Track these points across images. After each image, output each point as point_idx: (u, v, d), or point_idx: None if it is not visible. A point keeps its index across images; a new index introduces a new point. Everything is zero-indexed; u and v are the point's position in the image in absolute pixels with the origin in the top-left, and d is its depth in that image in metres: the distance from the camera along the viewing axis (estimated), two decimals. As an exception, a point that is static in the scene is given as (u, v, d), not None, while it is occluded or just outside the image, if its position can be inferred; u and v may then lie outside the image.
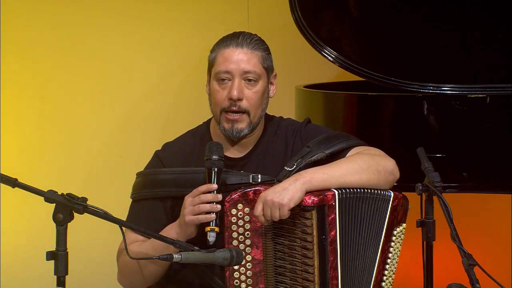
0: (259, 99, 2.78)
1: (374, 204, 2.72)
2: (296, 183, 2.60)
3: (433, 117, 3.46)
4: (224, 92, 2.76)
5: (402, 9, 3.92)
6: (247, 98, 2.76)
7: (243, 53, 2.76)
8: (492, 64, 3.80)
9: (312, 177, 2.64)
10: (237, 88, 2.74)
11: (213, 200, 2.61)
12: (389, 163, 2.78)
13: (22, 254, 4.17)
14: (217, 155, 2.64)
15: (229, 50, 2.77)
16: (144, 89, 4.42)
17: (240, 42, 2.77)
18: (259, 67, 2.77)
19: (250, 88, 2.77)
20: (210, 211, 2.60)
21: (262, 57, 2.79)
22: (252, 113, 2.77)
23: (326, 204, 2.64)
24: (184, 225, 2.64)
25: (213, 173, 2.64)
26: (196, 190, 2.63)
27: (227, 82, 2.76)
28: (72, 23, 4.25)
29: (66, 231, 2.34)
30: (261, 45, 2.80)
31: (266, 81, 2.81)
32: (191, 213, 2.62)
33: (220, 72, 2.75)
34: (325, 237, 2.63)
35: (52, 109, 4.25)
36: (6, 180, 2.35)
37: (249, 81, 2.76)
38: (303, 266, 2.64)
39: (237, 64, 2.75)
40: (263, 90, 2.79)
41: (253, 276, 2.65)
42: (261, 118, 2.82)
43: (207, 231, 2.59)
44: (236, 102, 2.74)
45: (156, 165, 2.83)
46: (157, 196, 2.79)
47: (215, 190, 2.62)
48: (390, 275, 2.78)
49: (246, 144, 2.84)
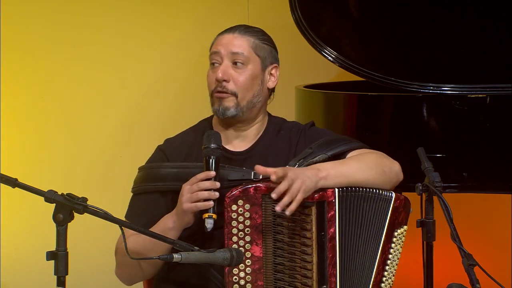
0: (247, 82, 2.79)
1: (375, 203, 2.73)
2: (316, 178, 2.63)
3: (433, 117, 3.46)
4: (214, 75, 2.80)
5: (402, 9, 3.92)
6: (233, 80, 2.79)
7: (233, 37, 2.81)
8: (492, 64, 3.80)
9: (328, 174, 2.66)
10: (223, 68, 2.78)
11: (211, 187, 2.61)
12: (395, 165, 2.82)
13: (22, 254, 4.17)
14: (215, 144, 2.66)
15: (222, 36, 2.83)
16: (144, 89, 4.43)
17: (234, 29, 2.84)
18: (248, 51, 2.80)
19: (237, 71, 2.79)
20: (208, 198, 2.60)
21: (254, 43, 2.82)
22: (240, 95, 2.79)
23: (325, 200, 2.65)
24: (181, 213, 2.65)
25: (211, 160, 2.64)
26: (194, 177, 2.64)
27: (217, 66, 2.80)
28: (72, 24, 4.25)
29: (66, 231, 2.34)
30: (258, 34, 2.84)
31: (259, 68, 2.82)
32: (189, 200, 2.62)
33: (211, 55, 2.82)
34: (324, 233, 2.64)
35: (52, 109, 4.26)
36: (6, 180, 2.35)
37: (236, 64, 2.79)
38: (302, 262, 2.65)
39: (225, 46, 2.80)
40: (252, 74, 2.80)
41: (252, 273, 2.65)
42: (252, 104, 2.82)
43: (205, 218, 2.60)
44: (222, 83, 2.77)
45: (159, 158, 2.85)
46: (158, 189, 2.79)
47: (213, 178, 2.63)
48: (389, 277, 2.78)
49: (248, 137, 2.86)
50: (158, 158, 2.86)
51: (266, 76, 2.86)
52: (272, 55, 2.86)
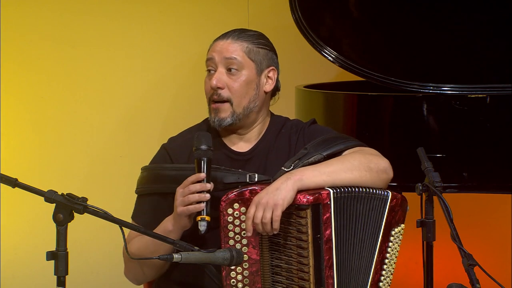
0: (242, 88, 2.79)
1: (370, 203, 2.72)
2: (288, 182, 2.61)
3: (433, 117, 3.46)
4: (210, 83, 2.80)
5: (402, 9, 3.92)
6: (228, 87, 2.78)
7: (227, 43, 2.80)
8: (492, 64, 3.80)
9: (303, 174, 2.65)
10: (216, 76, 2.78)
11: (201, 189, 2.61)
12: (381, 162, 2.78)
13: (22, 254, 4.17)
14: (205, 145, 2.65)
15: (216, 42, 2.83)
16: (144, 89, 4.43)
17: (228, 35, 2.83)
18: (241, 56, 2.79)
19: (231, 77, 2.79)
20: (200, 200, 2.60)
21: (248, 48, 2.80)
22: (235, 102, 2.78)
23: (321, 203, 2.64)
24: (177, 216, 2.65)
25: (202, 162, 2.64)
26: (186, 180, 2.64)
27: (213, 73, 2.80)
28: (72, 24, 4.25)
29: (66, 231, 2.34)
30: (253, 38, 2.82)
31: (254, 73, 2.81)
32: (181, 204, 2.62)
33: (206, 61, 2.82)
34: (320, 236, 2.63)
35: (52, 109, 4.25)
36: (6, 180, 2.35)
37: (230, 70, 2.79)
38: (299, 265, 2.64)
39: (219, 52, 2.80)
40: (246, 80, 2.79)
41: (250, 275, 2.65)
42: (248, 110, 2.81)
43: (198, 221, 2.60)
44: (217, 91, 2.77)
45: (163, 157, 2.85)
46: (160, 191, 2.80)
47: (204, 180, 2.62)
48: (388, 276, 2.77)
49: (250, 139, 2.86)
50: (161, 158, 2.86)
51: (263, 80, 2.85)
52: (268, 58, 2.85)
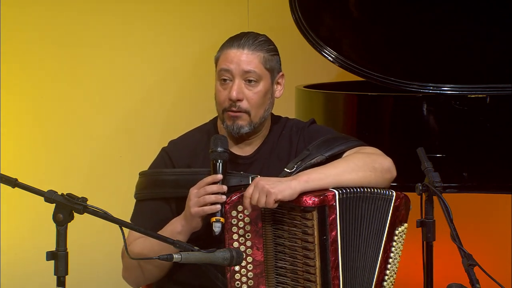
0: (260, 99, 2.79)
1: (375, 203, 2.72)
2: (292, 182, 2.62)
3: (433, 117, 3.46)
4: (225, 93, 2.78)
5: (402, 9, 3.92)
6: (247, 99, 2.78)
7: (244, 54, 2.78)
8: (492, 64, 3.81)
9: (309, 177, 2.65)
10: (237, 88, 2.76)
11: (218, 191, 2.62)
12: (385, 161, 2.79)
13: (22, 254, 4.17)
14: (222, 147, 2.67)
15: (230, 51, 2.79)
16: (144, 89, 4.42)
17: (242, 43, 2.79)
18: (260, 68, 2.79)
19: (250, 89, 2.78)
20: (216, 202, 2.61)
21: (264, 58, 2.80)
22: (253, 113, 2.79)
23: (326, 204, 2.64)
24: (189, 217, 2.65)
25: (217, 164, 2.65)
26: (202, 181, 2.65)
27: (229, 83, 2.78)
28: (72, 24, 4.25)
29: (66, 231, 2.34)
30: (265, 46, 2.81)
31: (269, 82, 2.82)
32: (196, 204, 2.63)
33: (221, 71, 2.79)
34: (326, 237, 2.63)
35: (52, 109, 4.25)
36: (6, 180, 2.35)
37: (250, 81, 2.78)
38: (304, 266, 2.64)
39: (237, 64, 2.77)
40: (264, 91, 2.80)
41: (254, 277, 2.65)
42: (263, 119, 2.83)
43: (212, 222, 2.60)
44: (236, 103, 2.76)
45: (163, 161, 2.85)
46: (160, 196, 2.80)
47: (220, 181, 2.63)
48: (391, 275, 2.78)
49: (252, 142, 2.86)
50: (162, 161, 2.86)
51: (275, 87, 2.87)
52: (278, 64, 2.86)
